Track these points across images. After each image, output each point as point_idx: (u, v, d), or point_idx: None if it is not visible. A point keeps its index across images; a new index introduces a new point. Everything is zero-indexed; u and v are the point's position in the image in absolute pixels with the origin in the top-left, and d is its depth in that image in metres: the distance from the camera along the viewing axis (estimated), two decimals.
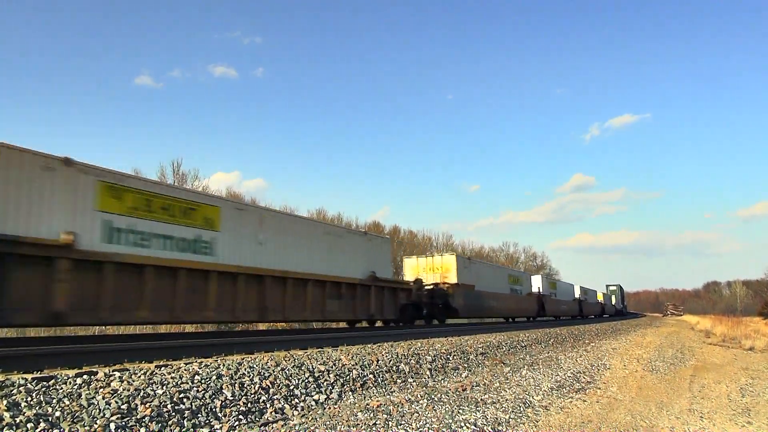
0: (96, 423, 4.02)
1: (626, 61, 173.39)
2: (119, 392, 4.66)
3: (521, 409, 5.75)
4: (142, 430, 4.12)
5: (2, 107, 66.69)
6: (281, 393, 5.70)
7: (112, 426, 4.03)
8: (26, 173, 8.95)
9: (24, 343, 8.97)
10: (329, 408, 5.52)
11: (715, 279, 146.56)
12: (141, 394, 4.70)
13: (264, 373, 6.16)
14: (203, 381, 5.46)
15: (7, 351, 6.41)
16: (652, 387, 8.06)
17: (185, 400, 4.83)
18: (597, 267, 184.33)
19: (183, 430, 4.32)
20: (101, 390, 4.67)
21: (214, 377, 5.64)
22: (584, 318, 46.20)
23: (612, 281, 77.26)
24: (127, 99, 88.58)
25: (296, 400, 5.65)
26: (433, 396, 6.29)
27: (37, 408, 4.10)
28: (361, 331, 14.97)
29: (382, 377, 7.30)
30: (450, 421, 5.03)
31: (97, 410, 4.25)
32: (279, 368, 6.53)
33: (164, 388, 4.96)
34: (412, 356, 9.00)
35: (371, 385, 6.85)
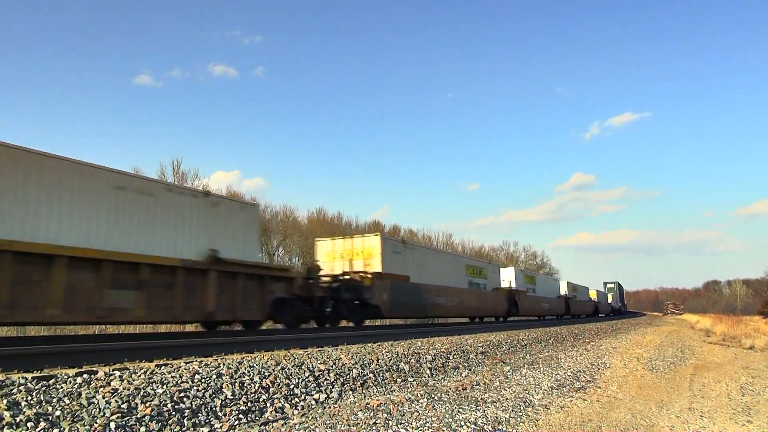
0: (96, 422, 4.02)
1: (626, 60, 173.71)
2: (119, 391, 4.66)
3: (521, 408, 5.75)
4: (143, 430, 4.12)
5: (2, 107, 66.75)
6: (281, 392, 5.70)
7: (113, 425, 4.03)
8: None
9: (24, 343, 8.98)
10: (329, 407, 5.52)
11: (715, 278, 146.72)
12: (141, 394, 4.70)
13: (264, 373, 6.16)
14: (203, 380, 5.46)
15: (7, 350, 6.41)
16: (652, 386, 8.06)
17: (185, 399, 4.84)
18: (597, 266, 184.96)
19: (183, 430, 4.32)
20: (101, 389, 4.67)
21: (215, 376, 5.64)
22: (573, 318, 41.91)
23: (611, 280, 76.54)
24: (127, 98, 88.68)
25: (296, 400, 5.65)
26: (434, 395, 6.29)
27: (38, 407, 4.10)
28: (362, 331, 15.01)
29: (383, 376, 7.30)
30: (450, 420, 5.03)
31: (98, 409, 4.25)
32: (279, 367, 6.53)
33: (164, 388, 4.96)
34: (412, 355, 9.01)
35: (371, 385, 6.85)
